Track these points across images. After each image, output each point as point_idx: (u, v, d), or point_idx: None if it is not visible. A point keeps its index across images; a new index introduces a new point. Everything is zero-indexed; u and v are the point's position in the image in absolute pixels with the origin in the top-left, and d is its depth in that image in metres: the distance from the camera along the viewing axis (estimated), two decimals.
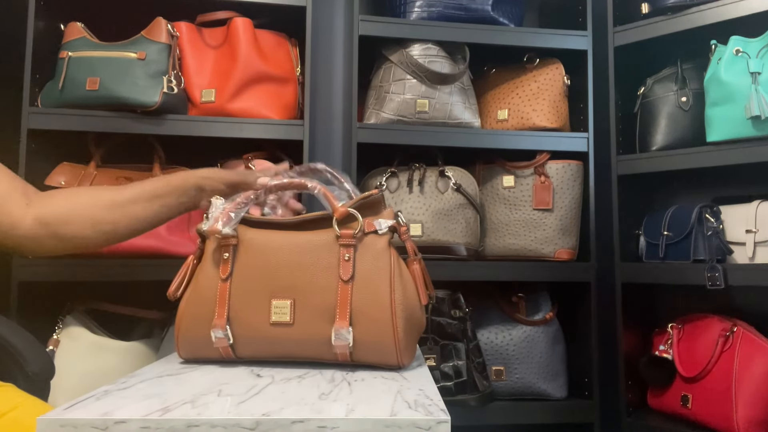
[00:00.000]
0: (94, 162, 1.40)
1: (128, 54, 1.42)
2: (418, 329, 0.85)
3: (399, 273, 0.82)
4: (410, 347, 0.83)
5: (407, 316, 0.81)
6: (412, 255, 0.86)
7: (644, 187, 1.74)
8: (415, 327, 0.84)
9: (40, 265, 1.34)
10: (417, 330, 0.85)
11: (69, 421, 0.56)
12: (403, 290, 0.82)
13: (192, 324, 0.83)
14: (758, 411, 1.33)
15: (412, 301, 0.83)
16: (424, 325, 0.87)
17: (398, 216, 0.86)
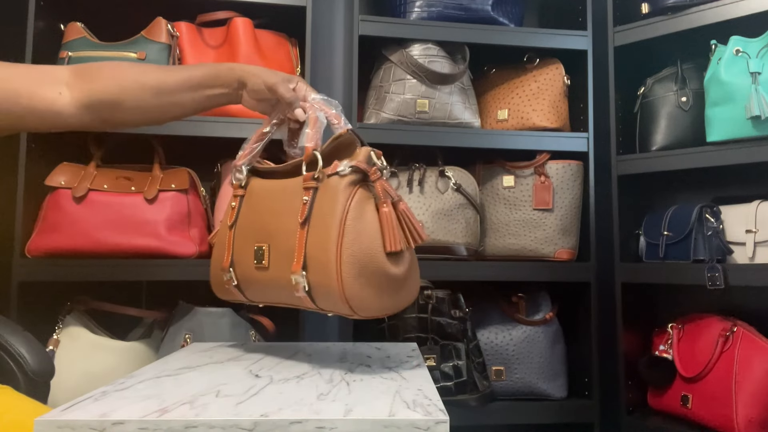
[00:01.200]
0: (94, 162, 1.40)
1: (128, 54, 1.42)
2: (380, 278, 0.76)
3: (357, 216, 0.76)
4: (364, 296, 0.76)
5: (358, 262, 0.74)
6: (381, 197, 0.77)
7: (644, 187, 1.74)
8: (376, 275, 0.76)
9: (40, 265, 1.34)
10: (378, 279, 0.76)
11: (66, 422, 0.56)
12: (357, 234, 0.75)
13: (214, 266, 0.94)
14: (758, 411, 1.33)
15: (368, 246, 0.75)
16: (395, 275, 0.77)
17: (371, 156, 0.80)
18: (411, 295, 0.82)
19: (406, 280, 0.79)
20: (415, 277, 0.82)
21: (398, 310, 0.81)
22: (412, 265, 0.82)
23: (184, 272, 1.37)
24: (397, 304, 0.80)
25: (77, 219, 1.33)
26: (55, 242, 1.33)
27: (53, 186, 1.36)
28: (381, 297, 0.77)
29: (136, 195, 1.37)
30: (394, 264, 0.77)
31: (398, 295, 0.79)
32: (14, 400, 0.83)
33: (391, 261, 0.76)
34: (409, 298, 0.82)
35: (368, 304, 0.77)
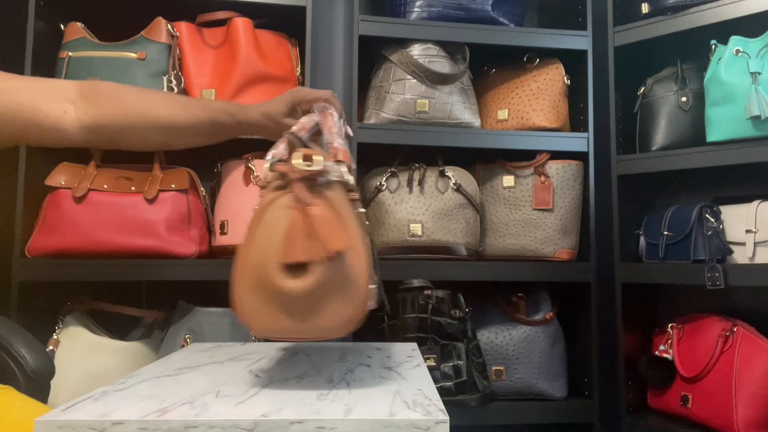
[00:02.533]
0: (94, 162, 1.40)
1: (128, 54, 1.42)
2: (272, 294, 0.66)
3: (259, 222, 0.68)
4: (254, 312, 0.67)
5: (251, 272, 0.67)
6: (293, 202, 0.68)
7: (644, 187, 1.73)
8: (268, 289, 0.66)
9: (40, 265, 1.34)
10: (270, 294, 0.66)
11: (66, 422, 0.56)
12: (256, 242, 0.68)
13: None
14: (758, 411, 1.33)
15: (262, 255, 0.67)
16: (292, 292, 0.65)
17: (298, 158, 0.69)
18: (330, 321, 0.66)
19: (315, 300, 0.66)
20: (341, 300, 0.66)
21: (315, 338, 0.69)
22: (337, 284, 0.66)
23: (184, 272, 1.37)
24: (305, 329, 0.67)
25: (77, 219, 1.33)
26: (55, 242, 1.33)
27: (53, 186, 1.36)
28: (275, 316, 0.67)
29: (136, 195, 1.37)
30: (289, 277, 0.65)
31: (305, 320, 0.66)
32: (15, 400, 0.83)
33: (283, 273, 0.65)
34: (329, 325, 0.66)
35: (262, 322, 0.67)
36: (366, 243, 0.71)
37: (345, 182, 0.72)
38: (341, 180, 0.71)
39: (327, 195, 0.68)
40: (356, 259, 0.66)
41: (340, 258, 0.65)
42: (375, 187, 1.57)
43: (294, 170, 0.68)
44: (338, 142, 0.78)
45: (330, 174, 0.69)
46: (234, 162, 1.49)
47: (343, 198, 0.70)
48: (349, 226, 0.68)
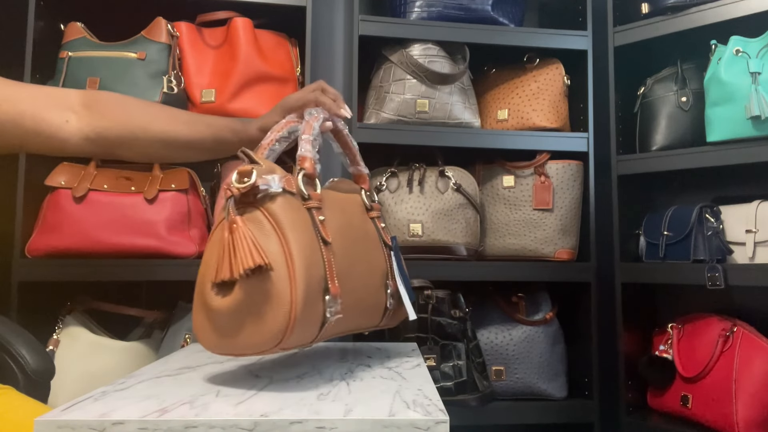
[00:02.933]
0: (94, 162, 1.40)
1: (128, 54, 1.42)
2: (207, 310, 0.69)
3: (209, 242, 0.73)
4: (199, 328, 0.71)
5: (197, 290, 0.72)
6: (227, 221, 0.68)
7: (644, 187, 1.73)
8: (204, 306, 0.70)
9: (40, 265, 1.34)
10: (206, 311, 0.69)
11: (66, 422, 0.56)
12: (203, 261, 0.72)
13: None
14: (758, 411, 1.33)
15: (202, 274, 0.71)
16: (215, 309, 0.67)
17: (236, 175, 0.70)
18: (256, 338, 0.66)
19: (239, 317, 0.66)
20: (264, 317, 0.66)
21: (247, 354, 0.68)
22: (259, 300, 0.66)
23: (184, 272, 1.37)
24: (234, 345, 0.67)
25: (77, 219, 1.33)
26: (55, 242, 1.33)
27: (53, 186, 1.36)
28: (211, 333, 0.69)
29: (136, 195, 1.37)
30: (217, 294, 0.68)
31: (232, 336, 0.67)
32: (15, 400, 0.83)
33: (214, 291, 0.68)
34: (255, 341, 0.66)
35: (204, 338, 0.70)
36: (315, 255, 0.70)
37: (294, 192, 0.72)
38: (289, 190, 0.71)
39: (267, 207, 0.69)
40: (281, 275, 0.66)
41: (262, 274, 0.65)
42: (375, 187, 1.57)
43: (230, 189, 0.69)
44: (304, 149, 0.78)
45: (269, 186, 0.69)
46: (234, 162, 1.49)
47: (288, 209, 0.70)
48: (279, 238, 0.67)
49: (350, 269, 0.77)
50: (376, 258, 0.85)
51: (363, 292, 0.81)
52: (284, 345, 0.67)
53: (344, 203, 0.84)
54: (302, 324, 0.67)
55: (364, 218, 0.87)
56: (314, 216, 0.73)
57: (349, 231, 0.80)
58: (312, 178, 0.76)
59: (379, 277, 0.85)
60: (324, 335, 0.74)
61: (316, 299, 0.69)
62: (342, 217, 0.80)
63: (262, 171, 0.69)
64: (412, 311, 0.89)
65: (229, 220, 0.67)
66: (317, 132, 0.82)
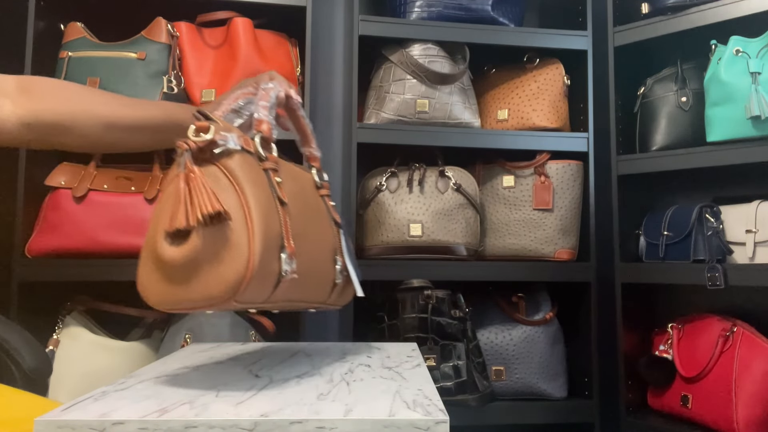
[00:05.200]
0: (94, 162, 1.40)
1: (128, 54, 1.42)
2: (157, 262, 0.67)
3: (161, 196, 0.71)
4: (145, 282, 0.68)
5: (147, 244, 0.69)
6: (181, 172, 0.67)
7: (644, 187, 1.73)
8: (154, 258, 0.67)
9: (40, 265, 1.34)
10: (156, 263, 0.67)
11: (66, 422, 0.56)
12: (154, 214, 0.70)
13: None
14: (758, 411, 1.32)
15: (153, 226, 0.69)
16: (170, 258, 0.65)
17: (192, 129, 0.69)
18: (212, 288, 0.65)
19: (195, 267, 0.65)
20: (221, 266, 0.65)
21: (202, 307, 0.67)
22: (217, 250, 0.65)
23: None
24: (188, 297, 0.66)
25: (77, 219, 1.33)
26: (55, 242, 1.33)
27: (53, 186, 1.36)
28: (160, 285, 0.67)
29: (136, 195, 1.37)
30: (171, 245, 0.65)
31: (187, 287, 0.65)
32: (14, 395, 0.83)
33: (167, 242, 0.66)
34: (211, 292, 0.65)
35: (152, 292, 0.68)
36: (272, 213, 0.70)
37: (252, 152, 0.72)
38: (247, 149, 0.71)
39: (224, 163, 0.68)
40: (239, 225, 0.65)
41: (220, 224, 0.65)
42: (375, 187, 1.57)
43: (185, 142, 0.68)
44: (261, 114, 0.79)
45: (227, 143, 0.68)
46: None
47: (245, 166, 0.70)
48: (236, 192, 0.67)
49: (304, 235, 0.77)
50: (326, 233, 0.86)
51: (315, 261, 0.81)
52: (239, 297, 0.65)
53: (297, 174, 0.84)
54: (258, 278, 0.66)
55: (315, 193, 0.88)
56: (271, 177, 0.74)
57: (302, 200, 0.81)
58: (269, 141, 0.77)
59: (329, 252, 0.86)
60: (278, 296, 0.73)
61: (272, 255, 0.69)
62: (295, 185, 0.80)
63: (220, 128, 0.69)
64: (360, 288, 0.92)
65: (185, 171, 0.66)
66: (274, 101, 0.83)
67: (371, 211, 1.57)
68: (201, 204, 0.64)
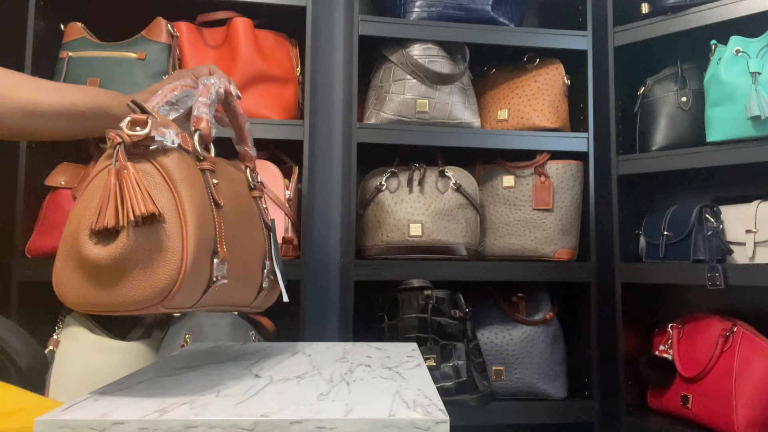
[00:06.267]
0: (93, 162, 1.40)
1: (128, 54, 1.42)
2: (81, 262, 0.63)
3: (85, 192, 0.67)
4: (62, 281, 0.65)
5: (65, 242, 0.66)
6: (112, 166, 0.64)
7: (644, 187, 1.74)
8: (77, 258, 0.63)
9: (40, 265, 1.34)
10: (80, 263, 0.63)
11: (66, 422, 0.56)
12: (74, 211, 0.66)
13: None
14: (758, 411, 1.32)
15: (76, 224, 0.64)
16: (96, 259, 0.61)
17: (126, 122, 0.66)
18: (140, 292, 0.62)
19: (123, 269, 0.62)
20: (151, 270, 0.62)
21: (127, 311, 0.64)
22: (147, 253, 0.62)
23: None
24: (114, 301, 0.62)
25: None
26: (56, 242, 1.33)
27: (53, 186, 1.36)
28: (83, 287, 0.63)
29: None
30: (97, 244, 0.62)
31: (113, 290, 0.62)
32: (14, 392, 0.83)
33: (92, 240, 0.62)
34: (138, 296, 0.62)
35: (72, 294, 0.64)
36: (207, 216, 0.68)
37: (189, 150, 0.70)
38: (185, 147, 0.69)
39: (160, 161, 0.65)
40: (173, 228, 0.63)
41: (152, 225, 0.62)
42: (375, 187, 1.57)
43: (119, 135, 0.64)
44: (200, 111, 0.76)
45: (164, 139, 0.66)
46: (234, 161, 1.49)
47: (183, 165, 0.67)
48: (171, 193, 0.64)
49: (236, 239, 0.76)
50: (257, 236, 0.85)
51: (244, 266, 0.80)
52: (167, 303, 0.63)
53: (232, 175, 0.82)
54: (189, 283, 0.64)
55: (248, 194, 0.87)
56: (208, 178, 0.72)
57: (237, 202, 0.79)
58: (207, 140, 0.74)
59: (258, 255, 0.84)
60: (206, 301, 0.71)
61: (204, 261, 0.67)
62: (231, 186, 0.79)
63: (158, 123, 0.66)
64: (286, 294, 0.90)
65: (117, 166, 0.62)
66: (214, 98, 0.81)
67: (371, 211, 1.57)
68: (134, 203, 0.61)
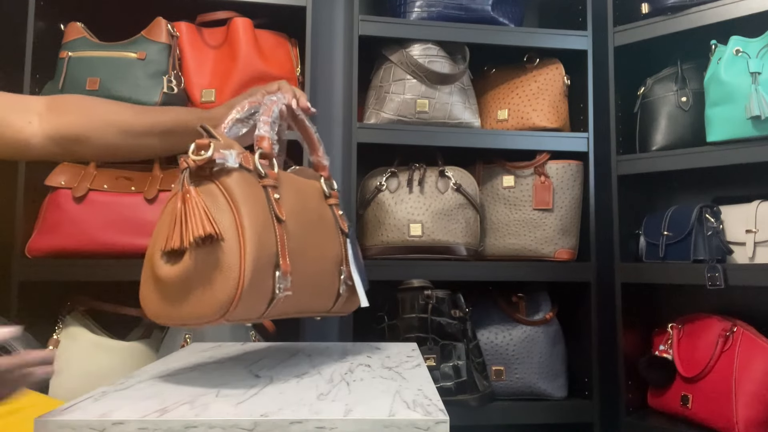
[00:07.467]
0: (93, 162, 1.40)
1: (128, 54, 1.42)
2: (156, 280, 0.69)
3: (162, 213, 0.72)
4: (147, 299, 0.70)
5: (146, 261, 0.71)
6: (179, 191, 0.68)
7: (644, 187, 1.74)
8: (153, 276, 0.69)
9: (40, 265, 1.34)
10: (155, 281, 0.69)
11: (66, 422, 0.56)
12: (154, 232, 0.71)
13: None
14: (758, 411, 1.33)
15: (152, 245, 0.70)
16: (165, 277, 0.67)
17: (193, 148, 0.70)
18: (200, 308, 0.66)
19: (186, 286, 0.66)
20: (210, 287, 0.66)
21: (192, 324, 0.68)
22: (208, 270, 0.66)
23: None
24: (179, 315, 0.67)
25: (77, 219, 1.33)
26: (55, 242, 1.33)
27: (53, 186, 1.36)
28: (157, 303, 0.69)
29: (136, 195, 1.37)
30: (167, 263, 0.67)
31: (178, 306, 0.67)
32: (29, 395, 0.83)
33: (163, 260, 0.68)
34: (199, 311, 0.66)
35: (150, 308, 0.70)
36: (267, 231, 0.71)
37: (251, 169, 0.73)
38: (246, 167, 0.72)
39: (222, 182, 0.69)
40: (231, 246, 0.66)
41: (211, 245, 0.66)
42: (375, 187, 1.57)
43: (185, 161, 0.69)
44: (262, 130, 0.79)
45: (225, 161, 0.69)
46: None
47: (244, 184, 0.70)
48: (232, 212, 0.68)
49: (303, 250, 0.78)
50: (330, 243, 0.86)
51: (315, 274, 0.81)
52: (230, 316, 0.67)
53: (301, 187, 0.84)
54: (249, 297, 0.67)
55: (321, 204, 0.88)
56: (269, 194, 0.74)
57: (304, 214, 0.81)
58: (269, 157, 0.77)
59: (332, 262, 0.86)
60: (273, 312, 0.74)
61: (265, 274, 0.70)
62: (297, 199, 0.80)
63: (220, 145, 0.70)
64: (365, 299, 0.90)
65: (182, 191, 0.67)
66: (276, 115, 0.83)
67: (371, 211, 1.57)
68: (194, 226, 0.65)
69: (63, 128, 0.92)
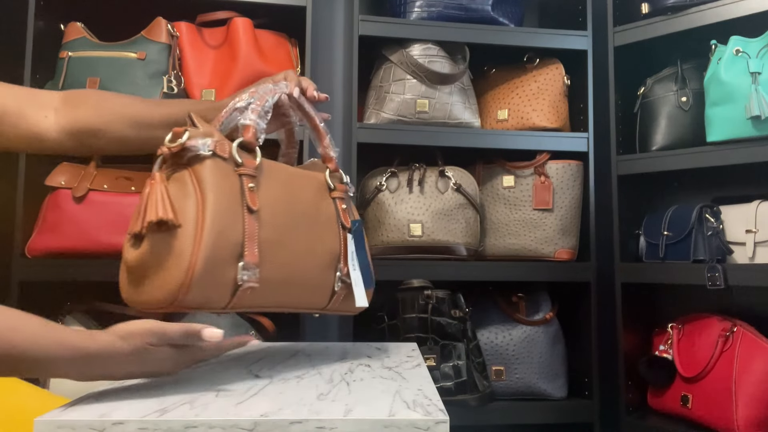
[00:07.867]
0: (94, 162, 1.40)
1: (128, 54, 1.42)
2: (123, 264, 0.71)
3: None
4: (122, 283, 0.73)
5: None
6: None
7: (644, 187, 1.73)
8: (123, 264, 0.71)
9: (40, 265, 1.34)
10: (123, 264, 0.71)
11: (66, 422, 0.56)
12: None
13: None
14: (758, 411, 1.32)
15: None
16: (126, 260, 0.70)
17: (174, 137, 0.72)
18: (154, 293, 0.68)
19: (145, 271, 0.68)
20: (163, 273, 0.67)
21: (147, 309, 0.71)
22: (162, 256, 0.67)
23: None
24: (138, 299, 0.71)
25: (77, 219, 1.33)
26: (55, 242, 1.33)
27: (53, 186, 1.36)
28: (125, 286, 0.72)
29: (136, 195, 1.37)
30: (131, 247, 0.69)
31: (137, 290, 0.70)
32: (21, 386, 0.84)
33: (129, 244, 0.70)
34: (152, 297, 0.69)
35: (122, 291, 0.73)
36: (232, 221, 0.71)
37: (226, 157, 0.73)
38: (220, 155, 0.72)
39: (195, 169, 0.70)
40: (187, 233, 0.67)
41: (168, 230, 0.67)
42: (375, 187, 1.57)
43: (161, 148, 0.71)
44: (248, 119, 0.79)
45: (198, 149, 0.70)
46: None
47: (216, 172, 0.71)
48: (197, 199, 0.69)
49: (284, 242, 0.77)
50: (325, 237, 0.84)
51: (302, 269, 0.80)
52: (182, 303, 0.68)
53: (293, 178, 0.83)
54: (205, 285, 0.68)
55: (319, 197, 0.86)
56: (244, 183, 0.74)
57: (291, 205, 0.80)
58: (251, 146, 0.77)
59: (326, 258, 0.84)
60: (242, 303, 0.74)
61: (227, 263, 0.70)
62: (284, 190, 0.80)
63: (197, 133, 0.71)
64: (362, 298, 0.88)
65: (150, 177, 0.69)
66: (269, 105, 0.83)
67: (371, 211, 1.57)
68: (149, 211, 0.66)
69: (79, 122, 0.93)
